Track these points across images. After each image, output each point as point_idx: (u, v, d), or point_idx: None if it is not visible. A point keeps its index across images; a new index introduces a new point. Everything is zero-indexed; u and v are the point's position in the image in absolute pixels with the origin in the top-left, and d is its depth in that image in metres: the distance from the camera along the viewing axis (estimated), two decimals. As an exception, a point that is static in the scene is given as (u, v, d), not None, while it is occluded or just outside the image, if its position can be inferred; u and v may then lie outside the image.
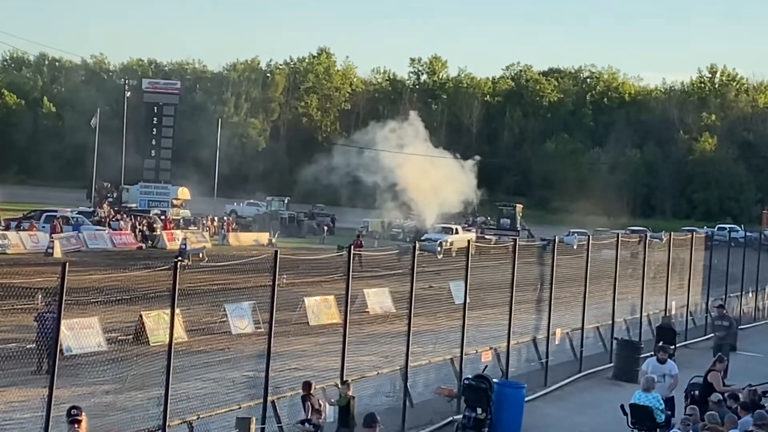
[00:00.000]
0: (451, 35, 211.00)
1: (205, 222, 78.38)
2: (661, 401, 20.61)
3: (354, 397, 19.71)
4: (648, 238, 36.65)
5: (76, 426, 13.85)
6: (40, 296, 24.08)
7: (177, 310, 18.06)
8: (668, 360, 23.27)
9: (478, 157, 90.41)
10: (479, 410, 21.48)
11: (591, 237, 33.26)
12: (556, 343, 29.12)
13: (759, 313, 45.98)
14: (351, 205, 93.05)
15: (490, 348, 26.25)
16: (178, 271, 17.29)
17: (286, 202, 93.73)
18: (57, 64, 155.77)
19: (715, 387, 21.35)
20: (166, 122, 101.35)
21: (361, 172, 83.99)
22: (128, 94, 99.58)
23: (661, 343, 26.29)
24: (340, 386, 19.97)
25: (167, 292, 17.71)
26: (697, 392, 21.92)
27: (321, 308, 32.75)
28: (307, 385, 19.49)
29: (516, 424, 22.49)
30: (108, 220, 69.99)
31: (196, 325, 27.57)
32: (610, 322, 32.26)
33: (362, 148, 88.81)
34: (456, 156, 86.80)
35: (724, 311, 34.15)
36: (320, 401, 19.59)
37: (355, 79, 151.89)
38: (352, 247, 23.00)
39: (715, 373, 22.13)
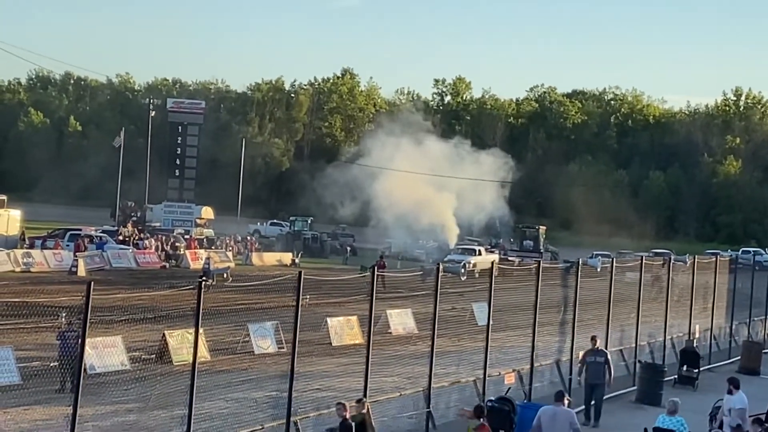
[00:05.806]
0: (476, 57, 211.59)
1: (228, 241, 78.37)
2: (686, 425, 20.41)
3: (368, 414, 19.34)
4: (672, 261, 36.36)
5: None
6: (63, 315, 24.11)
7: (200, 330, 18.06)
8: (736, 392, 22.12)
9: (508, 171, 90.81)
10: (502, 432, 21.36)
11: (615, 259, 33.06)
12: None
13: (784, 337, 45.59)
14: (373, 225, 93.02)
15: (513, 370, 26.17)
16: (202, 290, 17.31)
17: (309, 222, 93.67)
18: (82, 83, 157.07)
19: None
20: (191, 142, 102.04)
21: (365, 192, 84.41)
22: (153, 113, 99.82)
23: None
24: (355, 404, 19.72)
25: (191, 311, 17.72)
26: (721, 416, 21.73)
27: (344, 329, 32.68)
28: (342, 406, 18.77)
29: (539, 447, 22.34)
30: (132, 239, 70.16)
31: (220, 345, 27.58)
32: (634, 345, 32.09)
33: (375, 167, 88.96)
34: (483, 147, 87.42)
35: (597, 344, 27.15)
36: None
37: (378, 100, 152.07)
38: (375, 267, 22.90)
39: None
